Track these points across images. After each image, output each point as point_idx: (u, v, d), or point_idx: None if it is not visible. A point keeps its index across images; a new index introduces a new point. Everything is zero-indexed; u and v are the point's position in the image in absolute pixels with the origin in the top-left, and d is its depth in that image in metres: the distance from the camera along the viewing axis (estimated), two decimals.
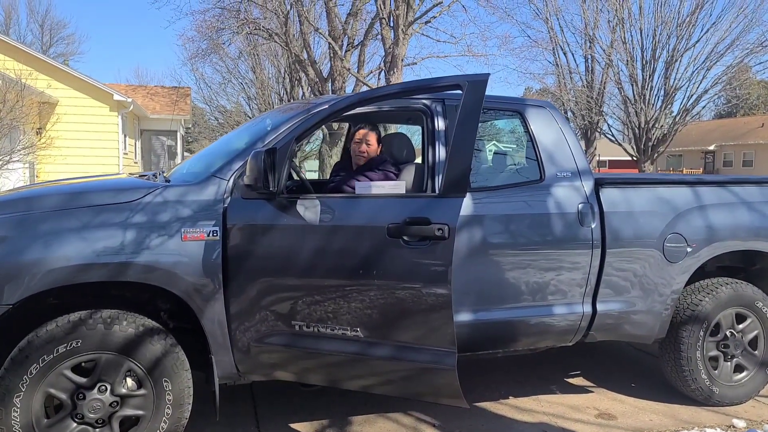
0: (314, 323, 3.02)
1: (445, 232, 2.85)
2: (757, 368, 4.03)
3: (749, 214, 4.00)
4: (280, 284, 3.04)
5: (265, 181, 2.87)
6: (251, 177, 2.89)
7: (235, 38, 21.37)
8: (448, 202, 2.91)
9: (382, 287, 2.93)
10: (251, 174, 2.89)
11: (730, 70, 22.77)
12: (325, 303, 3.01)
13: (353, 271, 2.96)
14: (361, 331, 2.97)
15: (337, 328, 3.00)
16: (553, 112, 3.88)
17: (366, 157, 3.76)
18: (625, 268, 3.75)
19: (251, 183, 2.91)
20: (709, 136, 37.99)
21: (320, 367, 3.16)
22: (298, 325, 3.03)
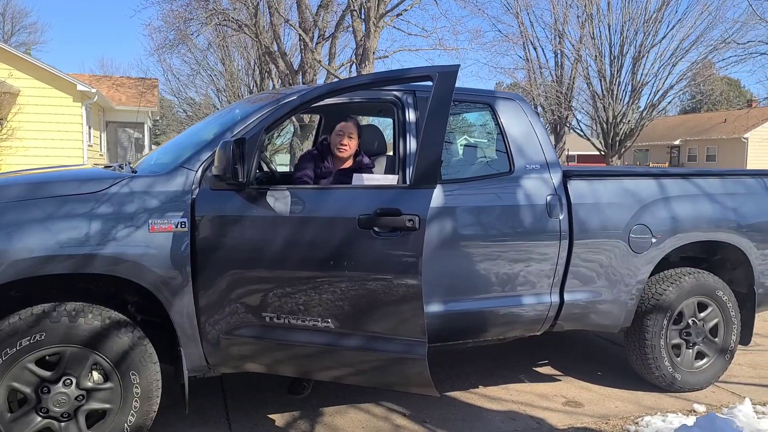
0: (285, 315, 3.00)
1: (416, 223, 2.86)
2: (716, 355, 4.15)
3: (711, 205, 4.10)
4: (249, 276, 3.03)
5: (234, 171, 2.84)
6: (219, 167, 2.86)
7: (204, 29, 21.05)
8: (419, 193, 2.91)
9: (353, 278, 2.93)
10: (219, 164, 2.86)
11: (695, 67, 23.27)
12: (296, 294, 3.00)
13: (324, 262, 2.95)
14: (332, 322, 2.97)
15: (308, 319, 2.99)
16: (522, 104, 3.92)
17: (347, 150, 3.62)
18: (591, 259, 3.82)
19: (219, 173, 2.88)
20: (674, 131, 38.79)
21: (291, 358, 3.15)
22: (268, 317, 3.02)
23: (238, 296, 3.02)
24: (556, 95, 23.70)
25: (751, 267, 4.18)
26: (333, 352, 3.02)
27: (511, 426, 3.57)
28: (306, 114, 15.00)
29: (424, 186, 2.91)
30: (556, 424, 3.60)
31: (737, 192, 4.21)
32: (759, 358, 4.82)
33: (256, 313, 3.03)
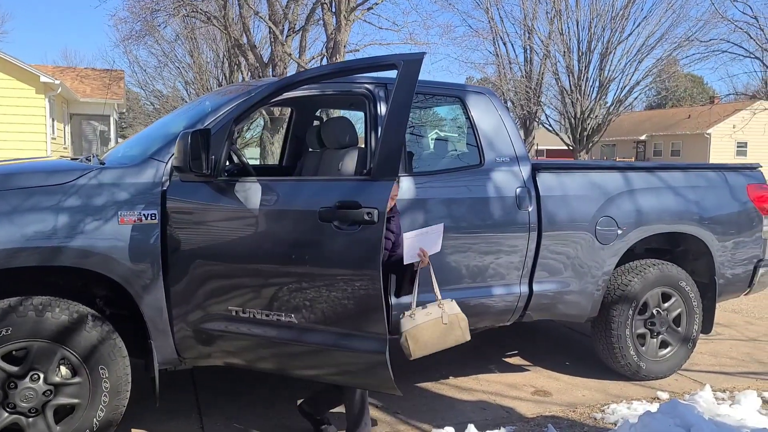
0: (250, 308, 3.00)
1: (374, 216, 2.78)
2: (680, 344, 4.27)
3: (674, 198, 4.21)
4: (217, 268, 3.01)
5: (195, 162, 2.80)
6: (178, 158, 2.85)
7: (171, 20, 20.69)
8: (379, 185, 2.83)
9: (314, 273, 2.89)
10: (178, 155, 2.84)
11: (660, 63, 23.74)
12: (260, 288, 2.99)
13: (286, 255, 2.93)
14: (295, 317, 2.94)
15: (271, 313, 2.96)
16: (492, 98, 3.97)
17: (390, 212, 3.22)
18: (559, 251, 3.89)
19: (179, 165, 2.86)
20: (640, 127, 39.48)
21: (256, 352, 3.15)
22: (234, 311, 3.01)
23: (206, 289, 3.01)
24: (526, 90, 23.95)
25: (712, 258, 4.31)
26: (294, 347, 2.99)
27: (482, 416, 3.62)
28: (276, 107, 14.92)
29: (384, 178, 2.83)
30: (525, 413, 3.67)
31: (699, 185, 4.33)
32: (719, 346, 4.98)
33: (222, 306, 3.02)
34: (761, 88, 31.64)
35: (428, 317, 3.13)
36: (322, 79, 3.38)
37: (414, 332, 3.10)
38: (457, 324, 3.18)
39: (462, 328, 3.19)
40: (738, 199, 4.40)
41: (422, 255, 3.11)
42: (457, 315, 3.20)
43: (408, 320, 3.12)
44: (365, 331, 2.86)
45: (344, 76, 3.46)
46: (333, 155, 3.75)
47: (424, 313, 3.14)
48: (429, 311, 3.15)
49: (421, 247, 3.10)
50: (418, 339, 3.10)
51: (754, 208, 4.43)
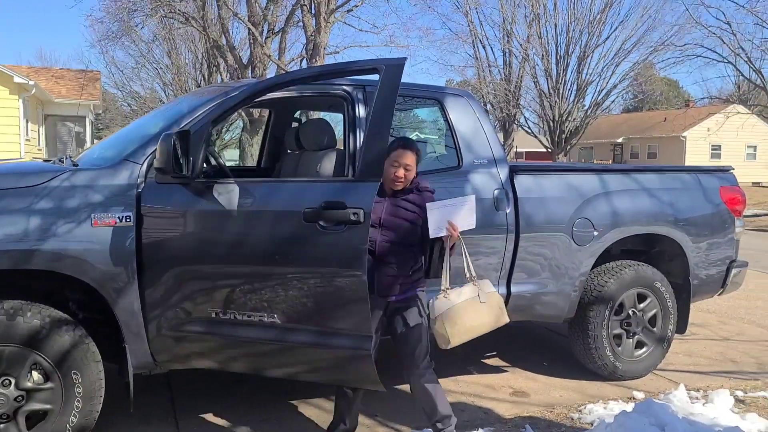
0: (231, 310, 2.98)
1: (360, 216, 2.84)
2: (655, 344, 4.32)
3: (649, 200, 4.26)
4: (195, 270, 2.99)
5: (177, 164, 2.79)
6: (161, 160, 2.80)
7: (149, 21, 20.49)
8: (364, 186, 2.88)
9: (299, 273, 2.92)
10: (161, 157, 2.80)
11: (637, 67, 24.07)
12: (242, 289, 2.98)
13: (270, 256, 2.93)
14: (278, 317, 2.95)
15: (254, 314, 2.97)
16: (470, 101, 3.98)
17: (402, 183, 3.03)
18: (537, 252, 3.92)
19: (161, 166, 2.82)
20: (617, 129, 39.98)
21: (237, 354, 3.14)
22: (215, 312, 2.99)
23: (184, 291, 2.99)
24: (505, 93, 24.13)
25: (686, 259, 4.37)
26: (279, 347, 3.00)
27: (460, 417, 3.62)
28: (255, 108, 14.87)
29: (369, 179, 2.88)
30: (503, 414, 3.68)
31: (674, 187, 4.39)
32: (693, 346, 5.05)
33: (202, 309, 3.00)
34: (734, 92, 32.22)
35: (464, 296, 2.95)
36: (301, 82, 3.40)
37: (451, 314, 2.90)
38: (496, 303, 3.02)
39: (501, 308, 3.02)
40: (711, 200, 4.47)
41: (451, 229, 2.88)
42: (494, 294, 3.04)
43: (442, 302, 2.93)
44: (351, 330, 2.89)
45: (325, 80, 3.46)
46: (311, 157, 3.73)
47: (458, 292, 2.96)
48: (463, 290, 2.98)
49: (449, 220, 2.89)
50: (456, 321, 2.91)
51: (727, 210, 4.50)
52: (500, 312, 3.01)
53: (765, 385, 4.04)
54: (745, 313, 6.21)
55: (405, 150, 3.00)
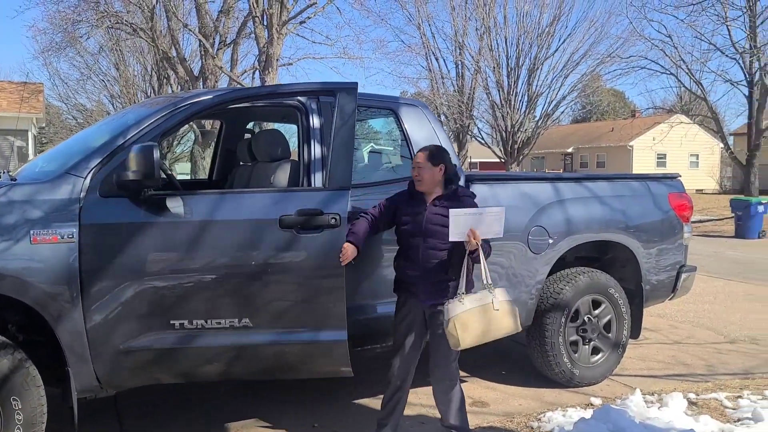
0: (198, 319, 2.98)
1: (338, 220, 3.09)
2: (610, 350, 4.37)
3: (601, 207, 4.33)
4: (152, 285, 2.91)
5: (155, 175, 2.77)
6: (140, 172, 2.75)
7: (95, 32, 20.01)
8: (337, 194, 3.15)
9: (277, 276, 3.04)
10: (140, 169, 2.75)
11: (584, 78, 24.76)
12: (211, 297, 2.99)
13: (243, 263, 3.01)
14: (252, 320, 3.02)
15: (224, 320, 3.01)
16: (425, 111, 3.98)
17: (421, 181, 3.20)
18: (494, 261, 3.90)
19: (139, 178, 2.77)
20: (567, 139, 40.99)
21: (208, 362, 3.09)
22: (178, 323, 2.96)
23: (140, 306, 2.89)
24: (458, 105, 24.45)
25: (638, 265, 4.45)
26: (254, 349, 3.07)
27: (420, 429, 3.59)
28: (206, 119, 14.66)
29: (341, 188, 3.18)
30: None
31: (624, 195, 4.47)
32: (646, 350, 5.14)
33: (163, 322, 2.94)
34: (677, 102, 33.45)
35: (478, 302, 3.01)
36: (254, 100, 3.45)
37: (464, 317, 2.97)
38: (509, 312, 3.07)
39: (514, 316, 3.08)
40: (661, 207, 4.57)
41: (470, 236, 2.98)
42: (509, 302, 3.09)
43: (456, 305, 3.01)
44: (330, 322, 3.12)
45: (278, 98, 3.51)
46: (265, 168, 3.66)
47: (473, 298, 3.03)
48: (479, 296, 3.04)
49: (472, 227, 2.98)
50: (468, 326, 2.98)
51: (676, 216, 4.61)
52: (513, 320, 3.08)
53: (715, 386, 4.14)
54: (694, 316, 6.38)
55: (418, 152, 3.28)
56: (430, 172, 3.18)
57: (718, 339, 5.50)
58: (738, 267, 9.81)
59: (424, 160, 3.20)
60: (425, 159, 3.20)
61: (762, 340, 5.44)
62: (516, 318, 3.09)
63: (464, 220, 2.99)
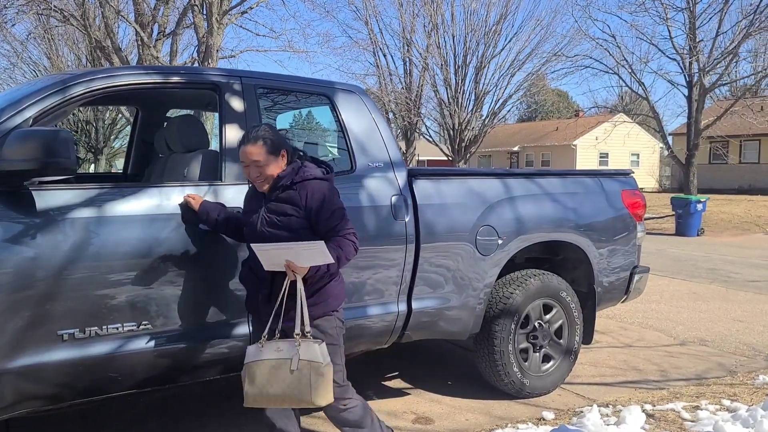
0: (92, 326, 2.58)
1: None
2: (562, 357, 4.10)
3: (553, 205, 4.05)
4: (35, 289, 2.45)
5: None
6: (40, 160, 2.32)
7: (22, 17, 18.83)
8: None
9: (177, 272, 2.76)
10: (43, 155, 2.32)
11: (530, 78, 24.87)
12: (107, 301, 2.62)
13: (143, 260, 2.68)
14: (152, 323, 2.72)
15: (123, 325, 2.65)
16: (363, 98, 3.60)
17: (263, 181, 2.56)
18: (439, 263, 3.58)
19: (38, 167, 2.33)
20: (513, 138, 41.40)
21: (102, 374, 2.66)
22: (67, 333, 2.53)
23: (18, 318, 2.42)
24: (406, 102, 24.19)
25: (591, 266, 4.19)
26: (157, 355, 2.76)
27: None
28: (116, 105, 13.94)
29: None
30: None
31: (576, 192, 4.21)
32: (598, 355, 4.92)
33: (48, 333, 2.49)
34: (618, 102, 34.18)
35: (275, 354, 2.40)
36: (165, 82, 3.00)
37: (253, 368, 2.40)
38: (309, 377, 2.35)
39: (313, 386, 2.35)
40: (614, 205, 4.33)
41: (288, 268, 2.41)
42: (311, 364, 2.36)
43: (254, 350, 2.45)
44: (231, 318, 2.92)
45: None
46: (179, 159, 3.21)
47: (274, 347, 2.42)
48: (281, 347, 2.42)
49: (287, 259, 2.40)
50: (254, 380, 2.39)
51: (629, 215, 4.38)
52: (309, 392, 2.36)
53: (671, 395, 3.91)
54: (643, 317, 6.23)
55: (247, 145, 2.52)
56: (275, 165, 2.53)
57: (668, 341, 5.34)
58: (680, 264, 9.85)
59: (264, 154, 2.50)
60: (265, 152, 2.50)
61: (711, 342, 5.31)
62: (318, 389, 2.37)
63: (275, 254, 2.43)
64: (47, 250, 2.47)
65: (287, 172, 2.54)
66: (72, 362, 2.55)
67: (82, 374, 2.61)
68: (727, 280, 8.45)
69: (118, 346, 2.65)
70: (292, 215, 2.52)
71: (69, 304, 2.52)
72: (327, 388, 2.41)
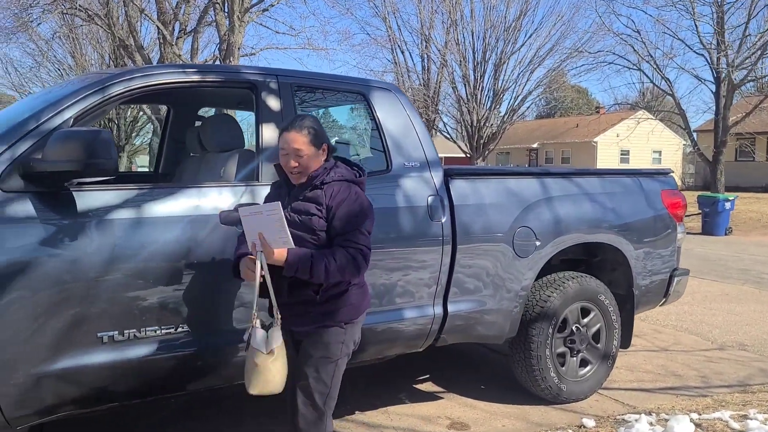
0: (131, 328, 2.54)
1: None
2: (599, 361, 3.99)
3: (591, 206, 3.94)
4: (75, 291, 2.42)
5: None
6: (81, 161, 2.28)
7: (47, 17, 19.03)
8: None
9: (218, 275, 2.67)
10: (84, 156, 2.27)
11: (550, 74, 24.60)
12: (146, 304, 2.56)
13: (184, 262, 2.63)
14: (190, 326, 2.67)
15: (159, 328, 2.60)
16: (399, 95, 3.52)
17: (300, 174, 2.41)
18: (476, 265, 3.49)
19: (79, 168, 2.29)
20: (532, 135, 41.05)
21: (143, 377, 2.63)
22: (106, 336, 2.50)
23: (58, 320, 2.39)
24: (424, 98, 24.06)
25: (630, 268, 4.07)
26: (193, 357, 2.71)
27: None
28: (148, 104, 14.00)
29: None
30: None
31: (615, 191, 4.10)
32: (634, 359, 4.80)
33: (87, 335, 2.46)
34: (639, 99, 33.72)
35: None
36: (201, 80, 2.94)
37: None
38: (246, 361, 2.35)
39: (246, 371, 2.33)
40: (653, 205, 4.20)
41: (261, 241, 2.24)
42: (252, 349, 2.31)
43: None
44: None
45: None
46: (215, 159, 3.16)
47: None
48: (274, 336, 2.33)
49: (260, 231, 2.24)
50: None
51: (669, 215, 4.26)
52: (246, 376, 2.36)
53: (716, 403, 3.79)
54: (676, 319, 6.09)
55: (290, 131, 2.38)
56: (315, 158, 2.41)
57: (705, 345, 5.20)
58: (709, 265, 9.64)
59: (307, 143, 2.38)
60: (308, 143, 2.38)
61: (751, 346, 5.16)
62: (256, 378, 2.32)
63: (252, 220, 2.25)
64: (87, 252, 2.43)
65: (319, 172, 2.41)
66: (111, 365, 2.52)
67: (120, 377, 2.58)
68: (760, 281, 8.25)
69: (156, 349, 2.61)
70: (315, 215, 2.37)
71: (108, 306, 2.49)
72: (258, 378, 2.30)
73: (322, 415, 2.41)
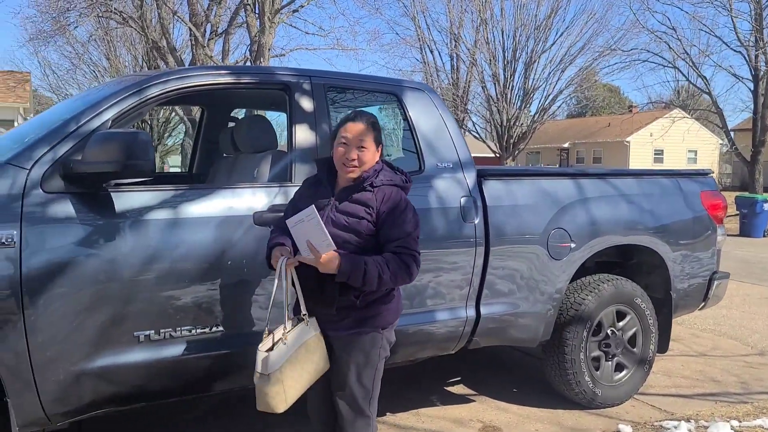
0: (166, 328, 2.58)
1: None
2: (635, 366, 3.91)
3: (628, 207, 3.86)
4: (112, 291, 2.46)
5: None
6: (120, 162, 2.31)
7: (84, 20, 19.44)
8: None
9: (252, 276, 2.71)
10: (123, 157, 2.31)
11: (581, 73, 24.27)
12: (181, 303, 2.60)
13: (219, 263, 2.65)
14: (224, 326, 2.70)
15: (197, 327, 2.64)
16: (432, 96, 3.50)
17: (356, 169, 2.32)
18: (509, 267, 3.45)
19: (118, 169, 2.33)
20: (563, 134, 40.58)
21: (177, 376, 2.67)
22: (143, 335, 2.54)
23: (96, 318, 2.44)
24: (453, 98, 23.96)
25: (667, 271, 3.98)
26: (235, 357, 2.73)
27: None
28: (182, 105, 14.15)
29: None
30: None
31: (653, 193, 4.01)
32: (671, 364, 4.69)
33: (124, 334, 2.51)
34: (674, 98, 33.05)
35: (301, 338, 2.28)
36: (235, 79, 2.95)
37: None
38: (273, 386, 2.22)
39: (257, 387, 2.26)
40: (692, 207, 4.10)
41: (313, 250, 2.16)
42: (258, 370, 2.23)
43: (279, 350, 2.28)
44: None
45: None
46: (249, 160, 3.18)
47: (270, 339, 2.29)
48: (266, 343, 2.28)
49: (308, 239, 2.17)
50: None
51: (708, 217, 4.15)
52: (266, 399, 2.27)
53: (756, 410, 3.68)
54: (714, 323, 5.94)
55: (354, 121, 2.31)
56: (373, 154, 2.33)
57: (745, 350, 5.06)
58: (748, 267, 9.39)
59: (371, 138, 2.31)
60: (372, 138, 2.31)
61: None
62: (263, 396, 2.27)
63: (298, 229, 2.19)
64: (125, 252, 2.47)
65: (370, 173, 2.34)
66: (147, 364, 2.55)
67: (155, 376, 2.61)
68: None
69: (191, 348, 2.64)
70: (364, 218, 2.30)
71: (145, 305, 2.52)
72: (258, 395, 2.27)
73: (368, 418, 2.40)
